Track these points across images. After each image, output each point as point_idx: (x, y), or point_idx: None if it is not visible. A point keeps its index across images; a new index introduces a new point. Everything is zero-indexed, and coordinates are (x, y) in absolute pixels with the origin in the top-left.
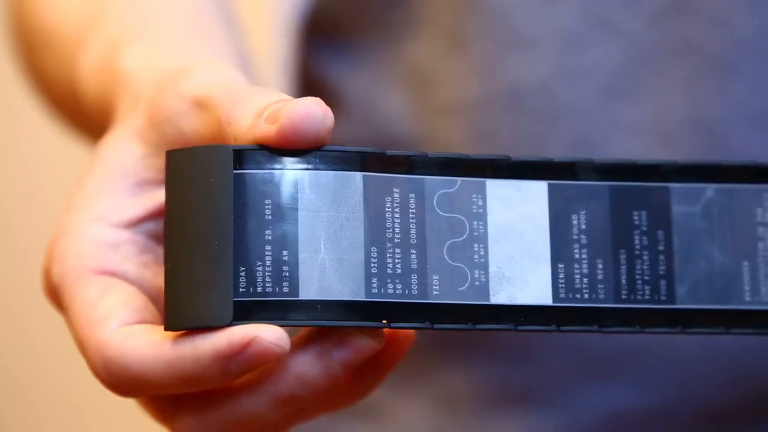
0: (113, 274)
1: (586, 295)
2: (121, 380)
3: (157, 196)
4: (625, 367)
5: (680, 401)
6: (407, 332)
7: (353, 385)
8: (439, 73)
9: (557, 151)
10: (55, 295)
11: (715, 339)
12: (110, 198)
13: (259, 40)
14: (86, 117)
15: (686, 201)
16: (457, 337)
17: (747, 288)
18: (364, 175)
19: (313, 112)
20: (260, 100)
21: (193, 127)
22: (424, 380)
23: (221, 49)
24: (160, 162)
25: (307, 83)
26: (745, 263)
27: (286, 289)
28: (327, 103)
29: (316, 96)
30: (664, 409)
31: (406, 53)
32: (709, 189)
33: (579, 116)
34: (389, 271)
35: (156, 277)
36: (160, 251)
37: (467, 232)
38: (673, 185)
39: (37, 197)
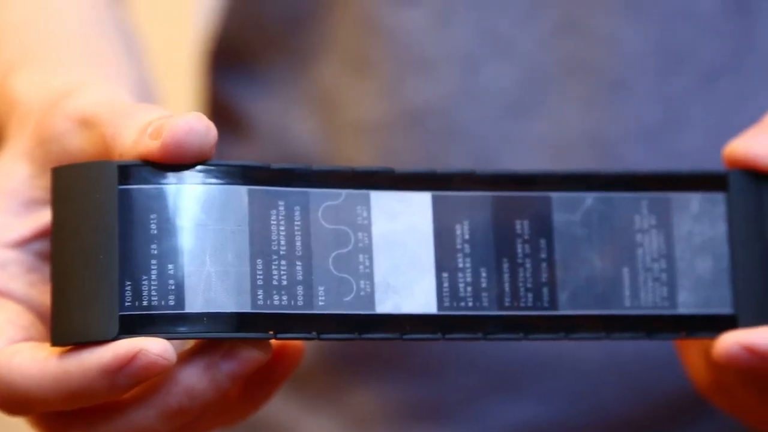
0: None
1: (471, 304)
2: (9, 398)
3: (45, 216)
4: (531, 380)
5: (585, 413)
6: (297, 344)
7: (244, 398)
8: (344, 96)
9: None
10: None
11: (617, 352)
12: None
13: (166, 66)
14: None
15: (567, 209)
16: (365, 355)
17: (627, 293)
18: (249, 189)
19: (196, 126)
20: (144, 116)
21: (79, 145)
22: (334, 399)
23: (116, 73)
24: (47, 181)
25: (216, 109)
26: (625, 269)
27: (172, 302)
28: (236, 127)
29: (224, 121)
30: (570, 422)
31: (312, 76)
32: (589, 197)
33: (478, 135)
34: (275, 282)
35: (43, 296)
36: (47, 270)
37: (352, 244)
38: (554, 194)
39: None
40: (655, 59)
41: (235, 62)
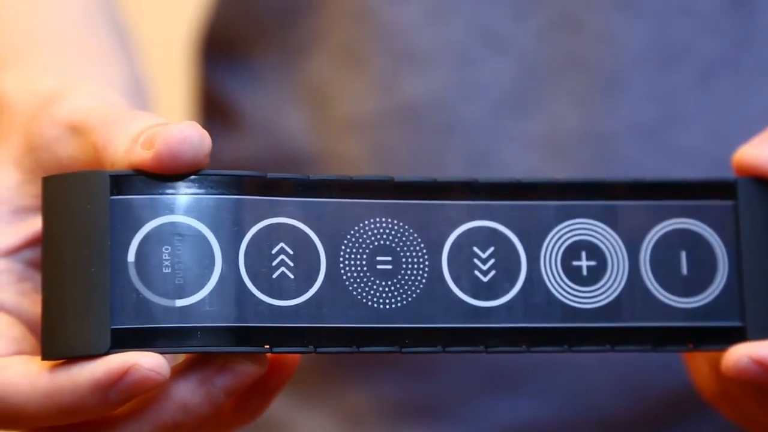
0: None
1: None
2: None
3: (36, 224)
4: (526, 379)
5: (581, 412)
6: (292, 356)
7: (239, 410)
8: (336, 90)
9: (453, 166)
10: None
11: None
12: None
13: (158, 60)
14: None
15: (571, 219)
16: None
17: (632, 305)
18: (244, 199)
19: (190, 136)
20: (136, 124)
21: (68, 152)
22: (328, 396)
23: (109, 70)
24: (37, 189)
25: (208, 102)
26: (630, 280)
27: (165, 316)
28: (227, 120)
29: (216, 114)
30: (566, 420)
31: (304, 70)
32: (594, 207)
33: (474, 131)
34: (271, 295)
35: (35, 306)
36: (39, 279)
37: None
38: (557, 203)
39: None
40: (653, 55)
41: (227, 54)
